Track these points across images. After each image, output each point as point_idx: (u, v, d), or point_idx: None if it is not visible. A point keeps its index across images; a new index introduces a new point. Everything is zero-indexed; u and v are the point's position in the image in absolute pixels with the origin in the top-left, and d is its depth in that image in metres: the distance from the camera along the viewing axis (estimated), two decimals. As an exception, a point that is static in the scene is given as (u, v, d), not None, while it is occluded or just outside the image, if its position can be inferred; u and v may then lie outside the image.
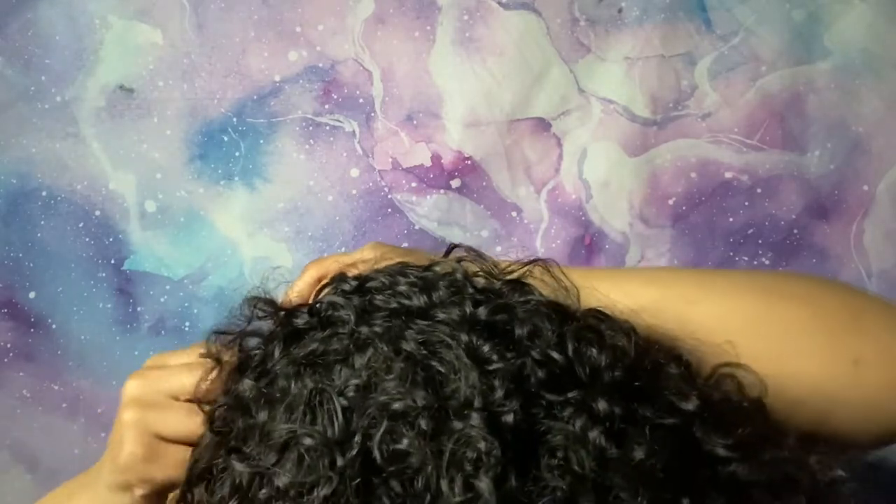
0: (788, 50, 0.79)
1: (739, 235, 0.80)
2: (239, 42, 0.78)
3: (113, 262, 0.79)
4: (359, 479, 0.39)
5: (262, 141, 0.79)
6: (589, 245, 0.80)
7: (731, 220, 0.80)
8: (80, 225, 0.78)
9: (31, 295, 0.78)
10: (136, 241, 0.79)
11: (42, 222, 0.78)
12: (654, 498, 0.39)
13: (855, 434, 0.50)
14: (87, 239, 0.79)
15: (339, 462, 0.39)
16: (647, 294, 0.51)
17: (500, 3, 0.78)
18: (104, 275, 0.79)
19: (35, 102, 0.78)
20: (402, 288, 0.45)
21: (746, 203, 0.79)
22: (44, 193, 0.78)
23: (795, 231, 0.80)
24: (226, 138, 0.79)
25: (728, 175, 0.80)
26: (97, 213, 0.79)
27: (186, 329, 0.79)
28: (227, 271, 0.79)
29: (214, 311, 0.78)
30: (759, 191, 0.79)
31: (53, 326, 0.79)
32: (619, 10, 0.79)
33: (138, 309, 0.79)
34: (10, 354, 0.78)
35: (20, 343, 0.78)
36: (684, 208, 0.80)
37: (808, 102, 0.79)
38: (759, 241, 0.79)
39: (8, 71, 0.78)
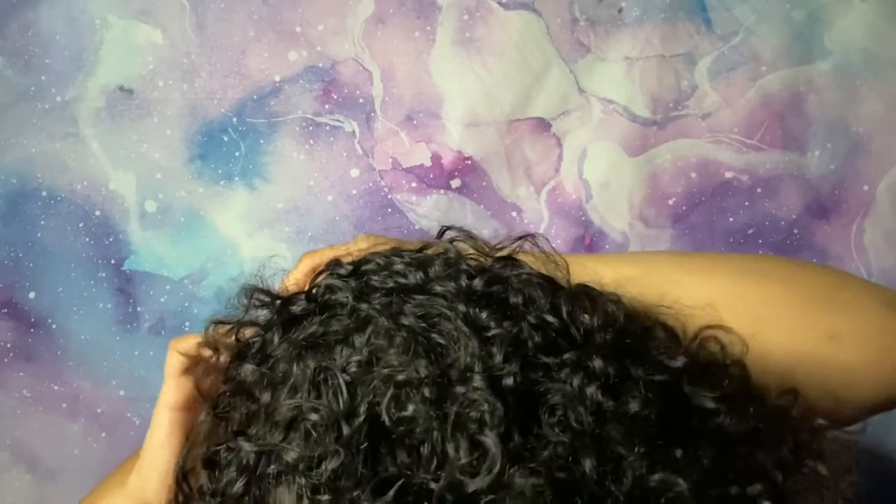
0: (788, 50, 0.79)
1: (739, 235, 0.80)
2: (239, 42, 0.78)
3: (113, 262, 0.79)
4: (366, 446, 0.40)
5: (262, 141, 0.79)
6: (589, 245, 0.80)
7: (731, 220, 0.80)
8: (80, 225, 0.78)
9: (31, 295, 0.78)
10: (136, 241, 0.79)
11: (42, 222, 0.78)
12: (649, 449, 0.40)
13: (835, 408, 0.50)
14: (87, 239, 0.79)
15: (346, 432, 0.40)
16: (631, 275, 0.52)
17: (500, 3, 0.78)
18: (104, 275, 0.79)
19: (35, 102, 0.78)
20: (398, 267, 0.47)
21: (746, 203, 0.79)
22: (44, 193, 0.78)
23: (795, 231, 0.80)
24: (226, 138, 0.79)
25: (728, 175, 0.80)
26: (97, 213, 0.79)
27: (186, 329, 0.79)
28: (226, 271, 0.79)
29: (214, 311, 0.78)
30: (759, 191, 0.79)
31: (53, 326, 0.79)
32: (619, 10, 0.79)
33: (138, 309, 0.79)
34: (10, 354, 0.78)
35: (20, 343, 0.78)
36: (684, 208, 0.80)
37: (808, 102, 0.79)
38: (759, 241, 0.79)
39: (8, 71, 0.78)
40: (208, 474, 0.45)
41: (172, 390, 0.51)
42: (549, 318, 0.44)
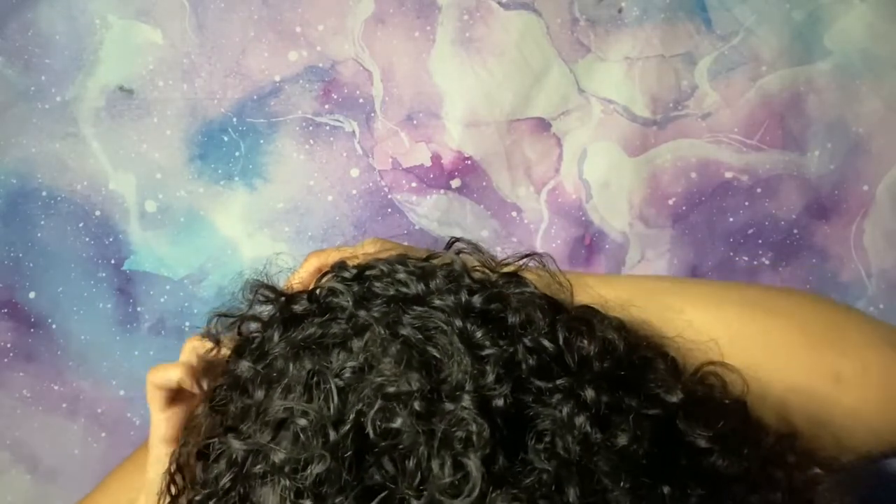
0: (788, 50, 0.79)
1: (739, 235, 0.80)
2: (239, 42, 0.78)
3: (113, 262, 0.79)
4: (350, 454, 0.40)
5: (262, 141, 0.79)
6: (589, 245, 0.80)
7: (731, 220, 0.80)
8: (80, 225, 0.78)
9: (31, 295, 0.78)
10: (136, 241, 0.79)
11: (42, 222, 0.78)
12: (635, 484, 0.40)
13: (836, 451, 0.50)
14: (87, 239, 0.79)
15: (333, 438, 0.40)
16: (634, 301, 0.51)
17: (500, 3, 0.78)
18: (104, 275, 0.79)
19: (35, 102, 0.78)
20: (401, 276, 0.46)
21: (746, 203, 0.79)
22: (44, 193, 0.78)
23: (795, 231, 0.80)
24: (226, 138, 0.79)
25: (728, 175, 0.80)
26: (97, 213, 0.79)
27: (186, 329, 0.79)
28: (226, 271, 0.79)
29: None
30: (759, 191, 0.79)
31: (53, 326, 0.79)
32: (619, 10, 0.79)
33: (138, 309, 0.79)
34: (10, 354, 0.78)
35: (20, 343, 0.78)
36: (684, 208, 0.80)
37: (808, 102, 0.79)
38: (759, 241, 0.79)
39: (8, 71, 0.78)
40: (201, 465, 0.45)
41: (162, 423, 0.50)
42: (546, 343, 0.43)
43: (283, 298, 0.49)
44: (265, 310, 0.49)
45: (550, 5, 0.78)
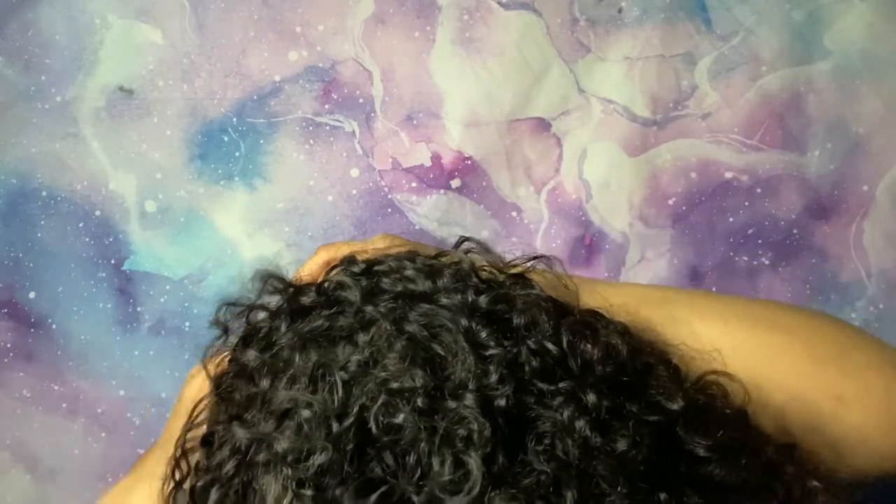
0: (788, 50, 0.79)
1: (739, 235, 0.80)
2: (239, 42, 0.78)
3: (113, 262, 0.79)
4: (352, 447, 0.40)
5: (262, 141, 0.79)
6: (589, 245, 0.80)
7: (731, 220, 0.80)
8: (80, 225, 0.78)
9: (31, 295, 0.78)
10: (136, 241, 0.79)
11: (42, 222, 0.78)
12: (633, 489, 0.40)
13: (835, 465, 0.50)
14: (87, 239, 0.79)
15: (336, 430, 0.40)
16: (640, 308, 0.52)
17: (500, 3, 0.78)
18: (104, 275, 0.79)
19: (35, 102, 0.78)
20: (409, 273, 0.47)
21: (746, 203, 0.79)
22: (44, 193, 0.78)
23: (795, 231, 0.80)
24: (226, 138, 0.79)
25: (728, 175, 0.80)
26: (97, 213, 0.79)
27: (186, 329, 0.79)
28: (226, 271, 0.79)
29: (215, 310, 0.78)
30: (759, 191, 0.79)
31: (53, 326, 0.79)
32: (619, 10, 0.79)
33: (138, 309, 0.79)
34: (10, 354, 0.78)
35: (20, 343, 0.78)
36: (684, 208, 0.80)
37: (808, 102, 0.79)
38: (759, 241, 0.79)
39: (8, 71, 0.78)
40: (205, 451, 0.46)
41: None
42: (549, 345, 0.44)
43: (291, 290, 0.49)
44: (273, 300, 0.50)
45: (550, 5, 0.78)
